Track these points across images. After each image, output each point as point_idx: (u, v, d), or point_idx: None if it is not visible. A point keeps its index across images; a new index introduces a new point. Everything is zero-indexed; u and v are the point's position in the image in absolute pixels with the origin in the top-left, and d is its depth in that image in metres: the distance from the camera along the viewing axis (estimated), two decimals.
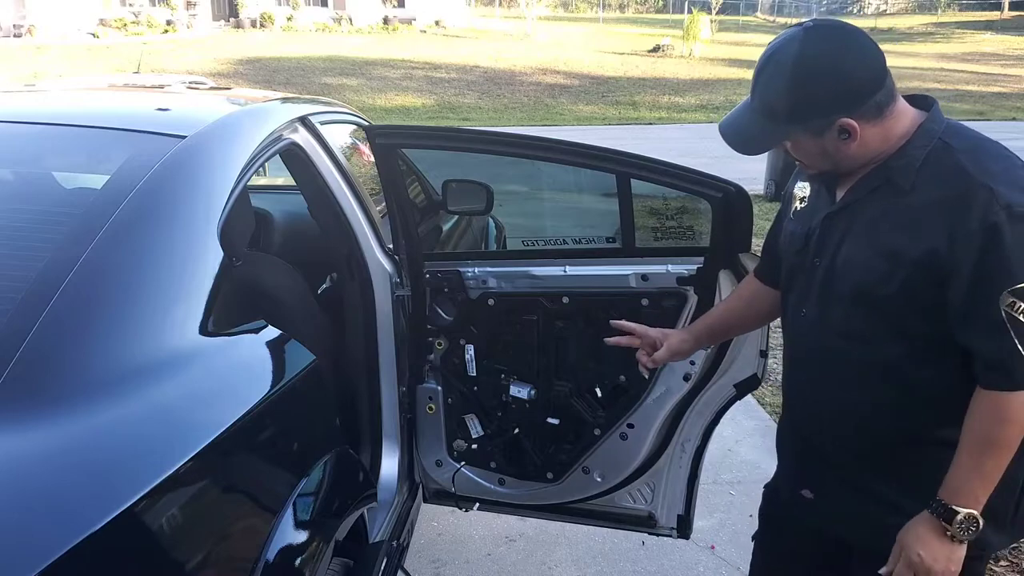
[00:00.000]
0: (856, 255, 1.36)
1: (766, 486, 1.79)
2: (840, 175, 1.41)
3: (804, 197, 1.51)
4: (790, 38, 1.33)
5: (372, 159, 2.21)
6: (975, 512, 1.29)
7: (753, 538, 1.83)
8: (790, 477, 1.60)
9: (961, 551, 1.32)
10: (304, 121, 2.00)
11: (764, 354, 2.02)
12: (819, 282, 1.43)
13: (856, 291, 1.36)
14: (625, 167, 2.00)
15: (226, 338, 1.42)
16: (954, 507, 1.30)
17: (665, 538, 2.35)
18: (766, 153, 1.49)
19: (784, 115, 1.34)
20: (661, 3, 45.53)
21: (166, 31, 25.38)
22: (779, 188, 7.51)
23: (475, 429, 2.30)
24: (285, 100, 2.17)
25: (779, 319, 1.66)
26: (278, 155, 1.90)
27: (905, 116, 1.35)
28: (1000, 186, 1.23)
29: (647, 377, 2.06)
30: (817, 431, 1.50)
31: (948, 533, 1.30)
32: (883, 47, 1.38)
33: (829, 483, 1.50)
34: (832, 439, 1.47)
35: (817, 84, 1.30)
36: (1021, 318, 1.22)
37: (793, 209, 1.54)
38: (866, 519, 1.46)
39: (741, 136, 1.41)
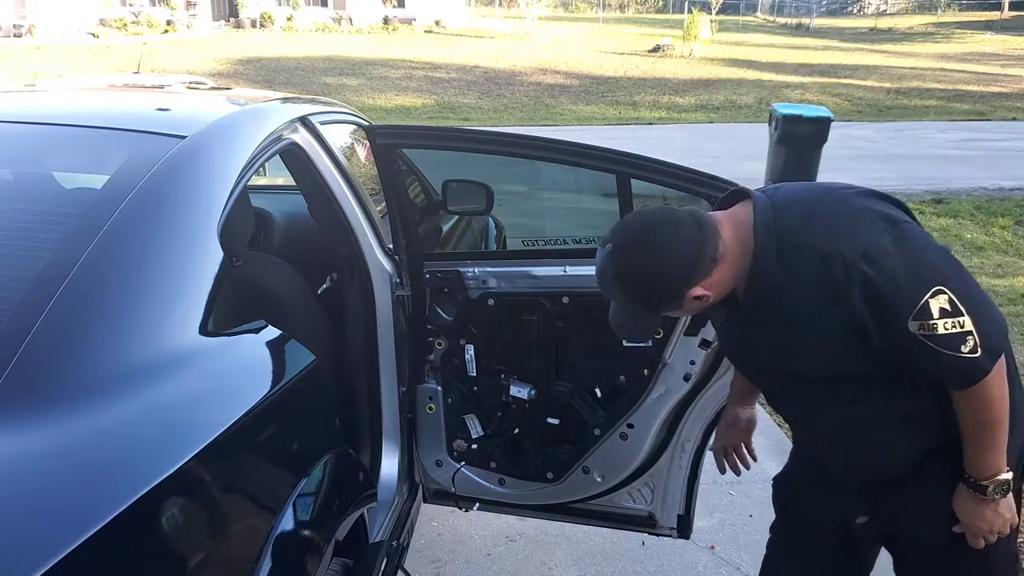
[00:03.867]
0: (786, 356, 1.46)
1: (776, 478, 1.83)
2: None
3: (721, 311, 1.56)
4: (602, 262, 1.42)
5: (372, 159, 2.21)
6: (1000, 476, 1.40)
7: (772, 530, 1.84)
8: (839, 509, 1.65)
9: (1007, 502, 1.44)
10: (304, 121, 2.00)
11: None
12: (778, 380, 1.54)
13: (811, 379, 1.45)
14: (625, 167, 2.00)
15: (226, 338, 1.42)
16: (981, 482, 1.42)
17: (665, 538, 2.35)
18: (765, 154, 1.54)
19: (644, 311, 1.45)
20: (661, 3, 45.52)
21: (166, 31, 25.36)
22: None
23: (475, 429, 2.30)
24: (285, 100, 2.17)
25: None
26: (278, 155, 1.90)
27: (736, 239, 1.39)
28: (843, 241, 1.31)
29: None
30: (860, 478, 1.57)
31: (987, 499, 1.43)
32: (883, 47, 1.40)
33: (883, 504, 1.57)
34: (876, 478, 1.55)
35: (646, 290, 1.39)
36: (935, 332, 1.29)
37: (719, 324, 1.66)
38: (923, 513, 1.54)
39: (629, 330, 1.55)
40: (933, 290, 1.28)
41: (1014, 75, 21.60)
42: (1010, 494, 1.44)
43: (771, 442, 3.42)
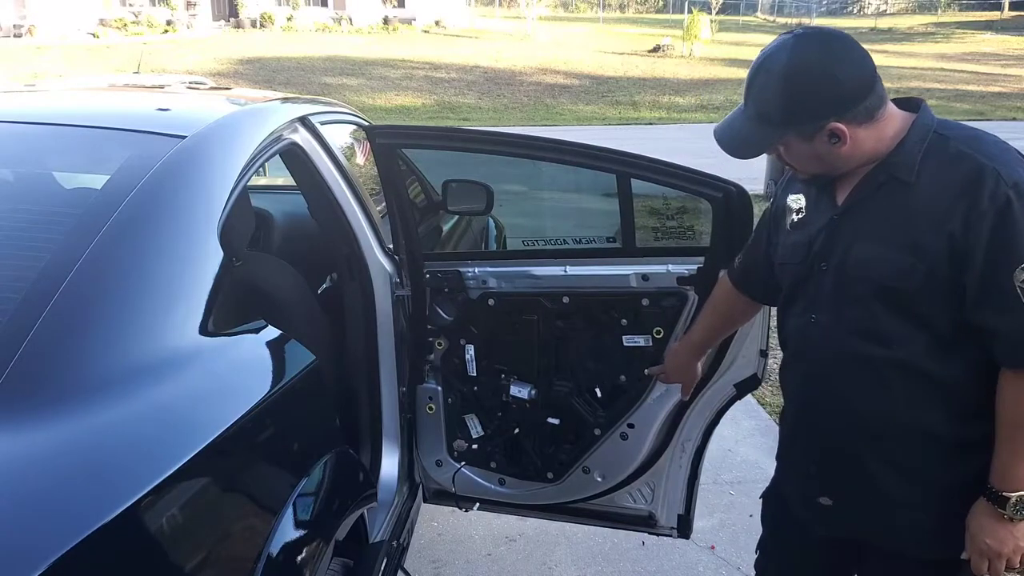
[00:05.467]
0: (872, 254, 1.37)
1: (764, 494, 1.79)
2: (834, 178, 1.43)
3: (800, 208, 1.53)
4: (780, 46, 1.36)
5: (372, 159, 2.21)
6: None
7: (758, 548, 1.82)
8: (805, 486, 1.58)
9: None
10: (304, 121, 2.00)
11: (764, 354, 2.02)
12: (830, 286, 1.44)
13: (877, 289, 1.36)
14: (625, 167, 2.00)
15: (226, 338, 1.42)
16: (1004, 493, 1.33)
17: (665, 538, 2.35)
18: (765, 154, 1.50)
19: (776, 120, 1.37)
20: (661, 3, 45.53)
21: (166, 31, 25.37)
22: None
23: (475, 429, 2.30)
24: (285, 100, 2.17)
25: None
26: (278, 155, 1.90)
27: (896, 117, 1.38)
28: (1004, 167, 1.27)
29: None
30: (837, 437, 1.49)
31: (1005, 516, 1.34)
32: (883, 47, 1.41)
33: (850, 488, 1.50)
34: (853, 443, 1.46)
35: (807, 90, 1.33)
36: None
37: (790, 221, 1.55)
38: (886, 520, 1.47)
39: (735, 141, 1.45)
40: None
41: (1014, 75, 21.61)
42: None
43: (771, 443, 3.42)
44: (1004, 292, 1.26)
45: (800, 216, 1.52)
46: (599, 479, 2.23)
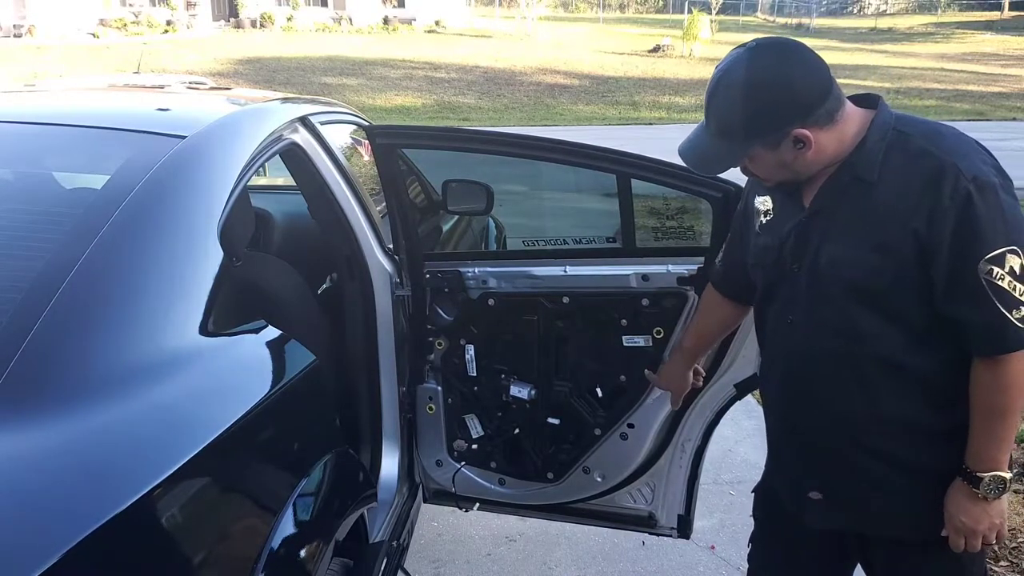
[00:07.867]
0: (842, 255, 1.39)
1: (756, 488, 1.79)
2: (801, 182, 1.45)
3: (768, 210, 1.55)
4: (736, 60, 1.38)
5: (372, 159, 2.21)
6: (999, 472, 1.37)
7: (750, 541, 1.83)
8: (794, 482, 1.59)
9: (999, 505, 1.40)
10: (304, 121, 2.00)
11: None
12: (804, 287, 1.46)
13: (849, 289, 1.39)
14: (625, 167, 2.00)
15: (226, 338, 1.42)
16: (978, 473, 1.37)
17: (665, 538, 2.36)
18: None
19: (740, 133, 1.39)
20: (661, 3, 45.53)
21: (166, 31, 25.37)
22: None
23: (475, 429, 2.30)
24: (285, 100, 2.17)
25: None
26: (278, 155, 1.90)
27: (855, 116, 1.40)
28: (963, 161, 1.30)
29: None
30: (821, 434, 1.50)
31: (980, 495, 1.38)
32: (883, 47, 1.41)
33: (839, 481, 1.51)
34: (836, 439, 1.48)
35: (767, 100, 1.35)
36: (1000, 283, 1.28)
37: (758, 223, 1.57)
38: (878, 508, 1.49)
39: (702, 159, 1.48)
40: (1017, 247, 1.28)
41: (1014, 75, 21.62)
42: (1004, 498, 1.40)
43: None
44: (971, 285, 1.29)
45: (768, 219, 1.55)
46: (599, 479, 2.23)
